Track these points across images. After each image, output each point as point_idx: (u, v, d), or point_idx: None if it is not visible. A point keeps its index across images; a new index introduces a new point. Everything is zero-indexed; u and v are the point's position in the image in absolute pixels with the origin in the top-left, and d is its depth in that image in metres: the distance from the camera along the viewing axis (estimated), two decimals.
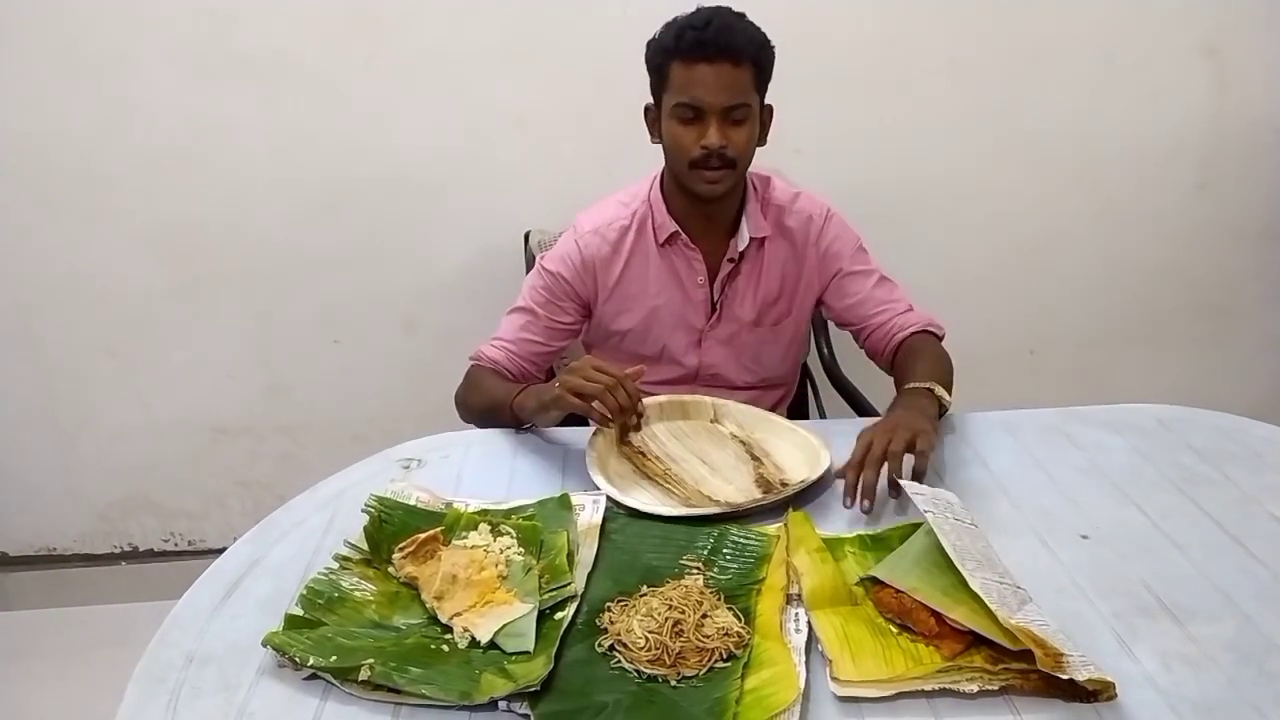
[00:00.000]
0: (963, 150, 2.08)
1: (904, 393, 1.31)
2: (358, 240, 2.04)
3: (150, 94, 1.90)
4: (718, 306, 1.51)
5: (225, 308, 2.07)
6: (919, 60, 2.00)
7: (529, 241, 1.92)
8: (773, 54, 1.36)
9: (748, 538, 1.10)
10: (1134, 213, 2.17)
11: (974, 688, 0.87)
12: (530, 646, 0.92)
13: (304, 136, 1.95)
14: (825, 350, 1.86)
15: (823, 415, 1.85)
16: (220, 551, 1.12)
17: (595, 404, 1.21)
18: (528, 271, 1.89)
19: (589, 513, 1.13)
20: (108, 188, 1.96)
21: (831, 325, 1.74)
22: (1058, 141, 2.09)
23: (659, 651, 0.90)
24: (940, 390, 1.29)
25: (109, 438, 2.16)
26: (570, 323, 1.52)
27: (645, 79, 1.89)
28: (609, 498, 1.16)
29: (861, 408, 1.71)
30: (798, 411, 1.76)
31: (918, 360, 1.39)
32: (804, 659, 0.90)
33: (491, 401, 1.40)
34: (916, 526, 1.10)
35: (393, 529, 1.10)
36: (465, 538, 1.09)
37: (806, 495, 1.18)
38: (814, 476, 1.19)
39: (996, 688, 0.87)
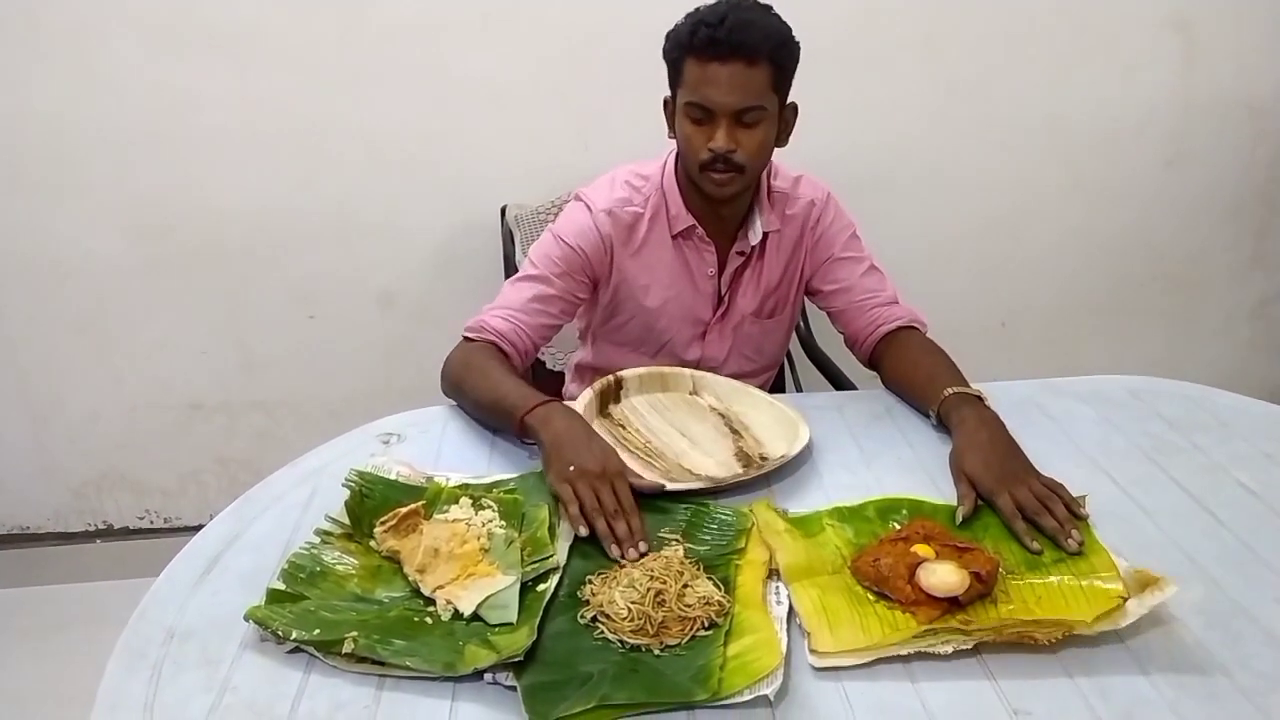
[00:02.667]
0: (934, 125, 2.09)
1: (961, 401, 1.24)
2: (332, 215, 2.02)
3: (118, 66, 1.86)
4: (724, 299, 1.49)
5: (198, 283, 2.05)
6: (892, 36, 2.00)
7: (505, 216, 1.91)
8: (794, 51, 1.29)
9: (724, 511, 1.11)
10: (1104, 187, 2.20)
11: (948, 649, 0.89)
12: (513, 618, 0.93)
13: (277, 110, 1.92)
14: (803, 326, 1.87)
15: (799, 389, 1.86)
16: (196, 529, 1.12)
17: (578, 511, 1.06)
18: (505, 245, 1.89)
19: None
20: (76, 163, 1.93)
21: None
22: (1029, 117, 2.11)
23: (642, 622, 0.91)
24: (986, 396, 1.26)
25: (82, 415, 2.14)
26: (581, 299, 1.45)
27: (623, 55, 1.90)
28: None
29: (838, 382, 1.72)
30: (775, 386, 1.77)
31: (930, 356, 1.36)
32: (785, 628, 0.92)
33: (496, 399, 1.25)
34: (892, 499, 1.12)
35: (374, 503, 1.10)
36: (447, 512, 1.09)
37: (786, 470, 1.20)
38: (794, 451, 1.19)
39: (970, 646, 0.89)
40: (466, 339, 1.38)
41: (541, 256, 1.42)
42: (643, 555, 1.03)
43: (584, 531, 1.05)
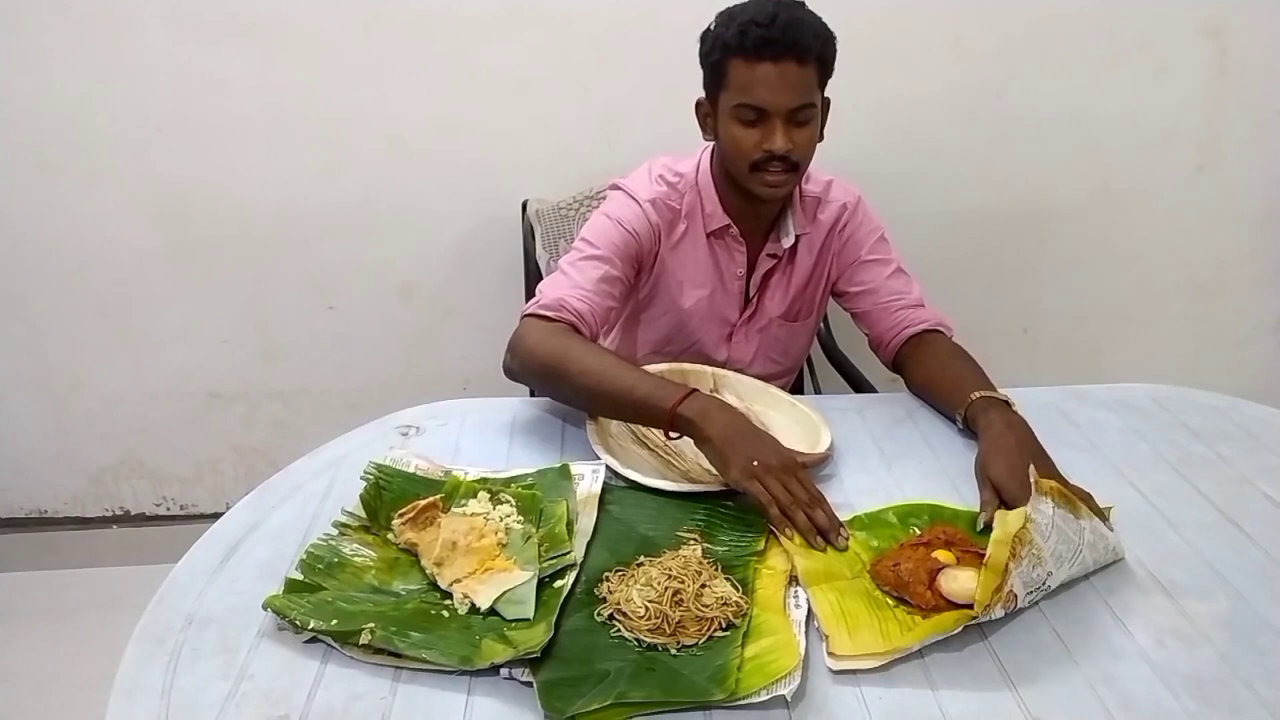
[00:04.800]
0: (962, 127, 2.07)
1: (989, 405, 1.23)
2: (354, 206, 2.02)
3: (145, 54, 1.87)
4: (753, 300, 1.48)
5: (220, 272, 2.06)
6: (921, 36, 1.99)
7: (526, 210, 1.91)
8: (835, 47, 1.29)
9: (744, 512, 1.10)
10: (1131, 192, 2.17)
11: (958, 629, 0.89)
12: (530, 614, 0.93)
13: (302, 99, 1.92)
14: (823, 328, 1.86)
15: (818, 391, 1.85)
16: (213, 517, 1.12)
17: (776, 511, 1.05)
18: (526, 240, 1.89)
19: (588, 482, 1.13)
20: (101, 148, 1.93)
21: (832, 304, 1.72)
22: (1057, 120, 2.09)
23: (659, 620, 0.91)
24: (1015, 401, 1.24)
25: (101, 401, 2.15)
26: (632, 286, 1.42)
27: (647, 51, 1.90)
28: (608, 468, 1.16)
29: (858, 385, 1.71)
30: (794, 387, 1.76)
31: (957, 360, 1.35)
32: (804, 631, 0.91)
33: (625, 389, 1.17)
34: (913, 504, 1.11)
35: (391, 496, 1.10)
36: (465, 505, 1.09)
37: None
38: (815, 454, 1.18)
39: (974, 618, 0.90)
40: (542, 317, 1.28)
41: (602, 239, 1.37)
42: (846, 541, 1.04)
43: (789, 533, 1.04)
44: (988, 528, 1.06)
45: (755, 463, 1.07)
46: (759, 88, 1.25)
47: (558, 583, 0.98)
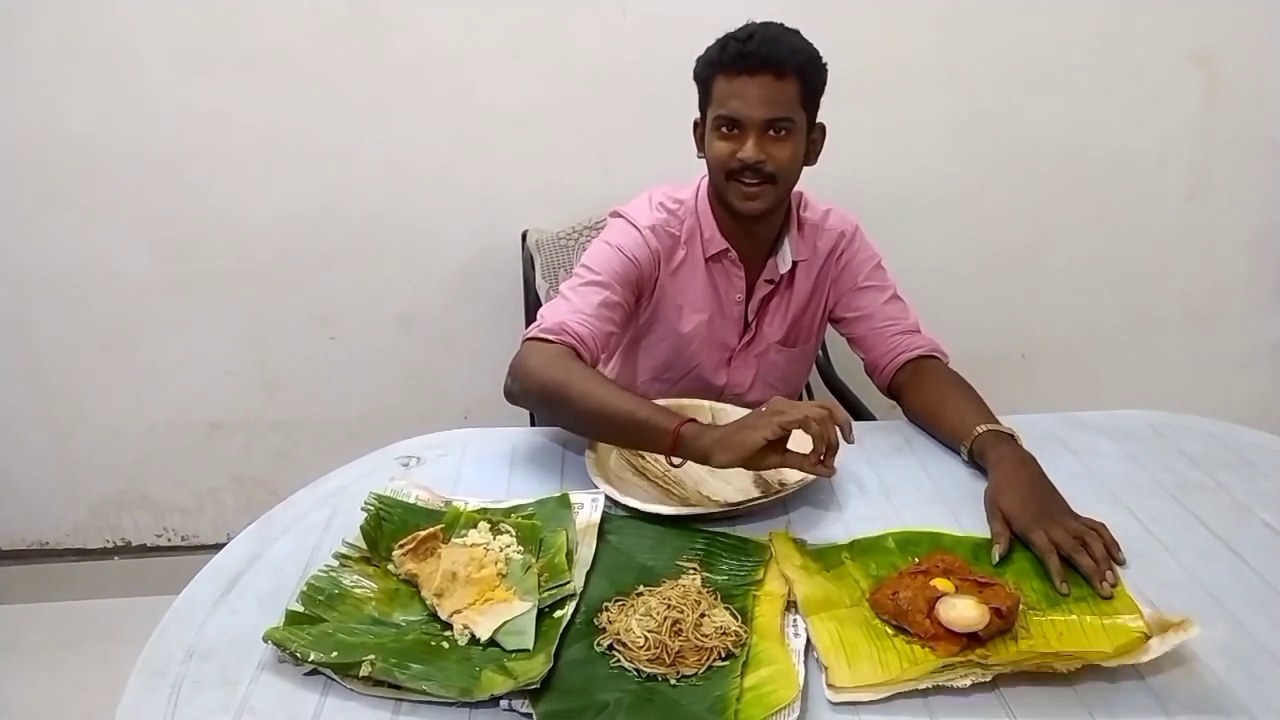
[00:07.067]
0: (956, 156, 2.09)
1: (998, 439, 1.23)
2: (354, 237, 2.04)
3: (149, 88, 1.89)
4: (751, 325, 1.50)
5: (221, 303, 2.07)
6: (914, 66, 2.01)
7: (526, 240, 1.93)
8: (822, 70, 1.33)
9: (743, 541, 1.11)
10: (1125, 219, 2.19)
11: (966, 682, 0.88)
12: (530, 644, 0.93)
13: (302, 132, 1.95)
14: (821, 355, 1.87)
15: None
16: (214, 547, 1.12)
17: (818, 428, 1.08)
18: (526, 269, 1.90)
19: (587, 511, 1.14)
20: (104, 182, 1.95)
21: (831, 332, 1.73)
22: (1050, 148, 2.11)
23: (658, 650, 0.91)
24: (1019, 435, 1.25)
25: (103, 432, 2.16)
26: (632, 313, 1.44)
27: (643, 82, 1.92)
28: (608, 497, 1.16)
29: (857, 412, 1.72)
30: None
31: (957, 390, 1.35)
32: (803, 661, 0.91)
33: (626, 414, 1.17)
34: (912, 532, 1.11)
35: (392, 527, 1.10)
36: (465, 536, 1.09)
37: (803, 497, 1.19)
38: (811, 478, 1.18)
39: (989, 679, 0.89)
40: (544, 341, 1.28)
41: (603, 265, 1.38)
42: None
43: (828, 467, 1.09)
44: (1003, 560, 1.06)
45: (763, 422, 1.09)
46: (735, 99, 1.30)
47: (557, 613, 0.98)
